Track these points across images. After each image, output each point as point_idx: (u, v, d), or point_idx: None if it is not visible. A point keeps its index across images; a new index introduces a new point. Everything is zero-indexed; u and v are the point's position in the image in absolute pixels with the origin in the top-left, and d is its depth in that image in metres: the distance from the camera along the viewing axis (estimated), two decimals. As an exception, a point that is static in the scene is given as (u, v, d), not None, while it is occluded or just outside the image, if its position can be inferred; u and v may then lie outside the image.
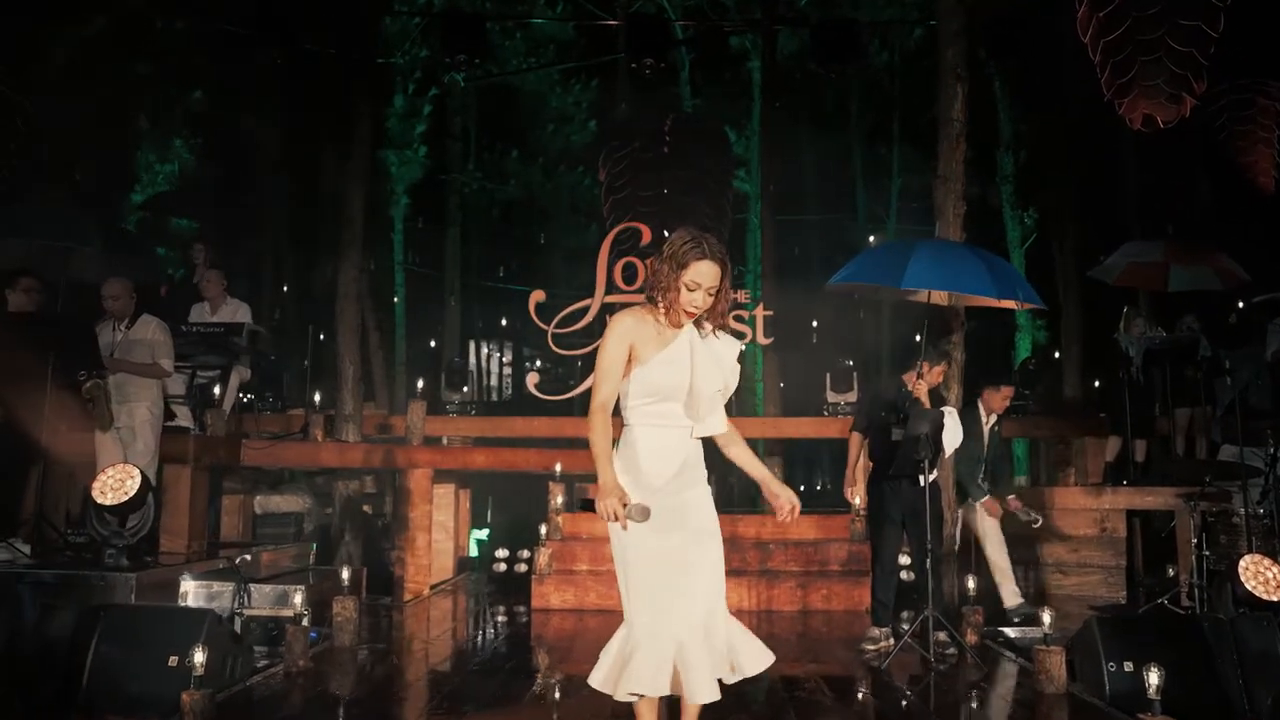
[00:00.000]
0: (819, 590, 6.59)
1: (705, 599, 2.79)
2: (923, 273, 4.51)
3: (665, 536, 2.81)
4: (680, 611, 2.78)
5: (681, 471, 2.82)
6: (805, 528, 7.35)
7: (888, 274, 4.69)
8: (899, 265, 4.53)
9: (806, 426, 8.58)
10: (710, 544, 2.84)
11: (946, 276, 4.65)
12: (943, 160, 5.85)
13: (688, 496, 2.84)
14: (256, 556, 6.68)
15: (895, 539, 5.16)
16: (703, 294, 2.78)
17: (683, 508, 2.82)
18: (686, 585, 2.79)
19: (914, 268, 4.47)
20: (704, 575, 2.80)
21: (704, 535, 2.83)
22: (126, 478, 4.80)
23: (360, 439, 7.96)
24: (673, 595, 2.80)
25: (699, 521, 2.83)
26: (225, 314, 7.19)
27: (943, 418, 4.95)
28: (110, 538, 4.79)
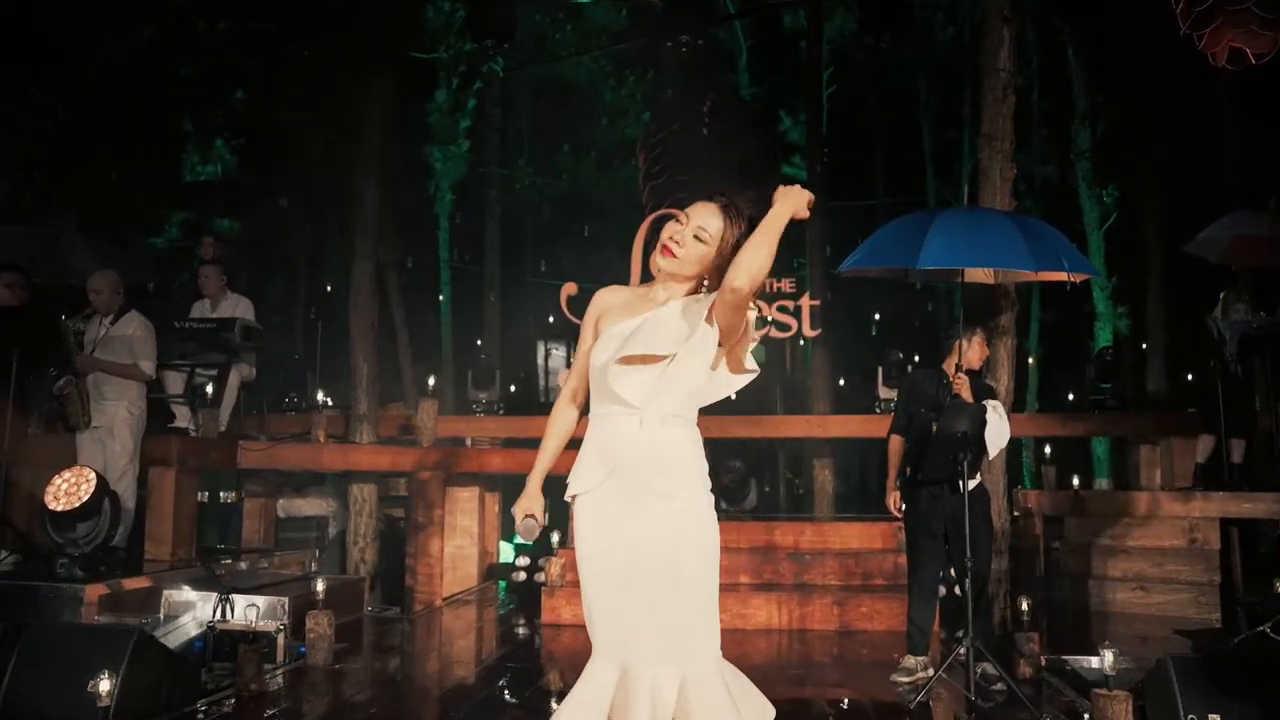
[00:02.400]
0: (859, 607, 5.90)
1: (631, 651, 2.17)
2: (943, 248, 3.79)
3: (608, 560, 2.22)
4: (609, 653, 2.21)
5: (626, 472, 2.18)
6: (847, 536, 6.66)
7: (903, 253, 3.99)
8: (915, 242, 3.83)
9: (854, 425, 7.85)
10: (660, 583, 2.14)
11: (972, 250, 3.91)
12: (987, 116, 5.10)
13: (641, 509, 2.18)
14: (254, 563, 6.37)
15: (934, 554, 4.45)
16: (688, 233, 2.25)
17: (632, 524, 2.18)
18: (617, 632, 2.20)
19: (933, 243, 3.77)
20: (639, 623, 2.17)
21: (651, 566, 2.15)
22: (81, 482, 4.47)
23: (376, 440, 7.57)
24: (608, 635, 2.22)
25: (650, 545, 2.16)
26: (225, 310, 6.88)
27: (984, 412, 4.23)
28: (64, 546, 4.46)
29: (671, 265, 2.26)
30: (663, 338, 2.18)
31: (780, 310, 8.72)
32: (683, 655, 2.15)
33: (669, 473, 2.19)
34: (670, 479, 2.19)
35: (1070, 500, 7.22)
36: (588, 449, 2.27)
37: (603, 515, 2.22)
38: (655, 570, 2.16)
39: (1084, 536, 6.86)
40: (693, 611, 2.17)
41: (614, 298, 2.39)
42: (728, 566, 6.39)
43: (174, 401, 6.51)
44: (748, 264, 2.05)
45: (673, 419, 2.21)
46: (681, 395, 2.21)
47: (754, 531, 6.77)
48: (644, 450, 2.19)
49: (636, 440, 2.19)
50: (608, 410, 2.24)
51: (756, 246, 2.06)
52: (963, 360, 4.34)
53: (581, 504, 2.26)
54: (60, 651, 3.62)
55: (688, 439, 2.24)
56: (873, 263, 4.21)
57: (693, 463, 2.23)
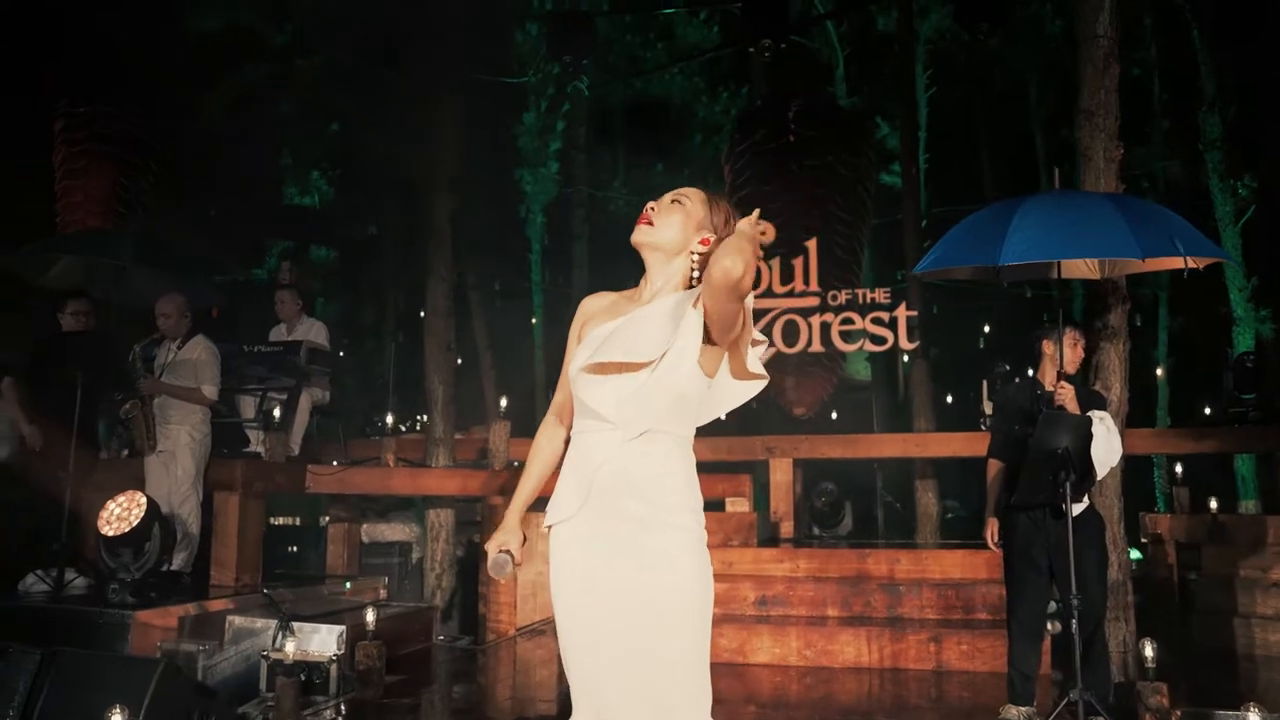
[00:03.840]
0: (958, 644, 5.31)
1: (604, 712, 1.83)
2: (1029, 240, 3.28)
3: (581, 598, 1.89)
4: (584, 708, 1.87)
5: (603, 498, 1.85)
6: (947, 565, 6.07)
7: (981, 250, 3.49)
8: (996, 235, 3.33)
9: (957, 444, 7.23)
10: (635, 631, 1.80)
11: (1065, 240, 3.37)
12: (1087, 89, 4.51)
13: (619, 541, 1.83)
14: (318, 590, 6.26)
15: (1036, 589, 3.89)
16: (665, 199, 1.96)
17: (608, 558, 1.84)
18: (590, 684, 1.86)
19: (1016, 236, 3.26)
20: (611, 677, 1.82)
21: (627, 608, 1.81)
22: (133, 507, 4.40)
23: (452, 463, 7.42)
24: (581, 686, 1.89)
25: (626, 583, 1.81)
26: (300, 333, 6.88)
27: (1090, 425, 3.68)
28: (117, 571, 4.40)
29: (646, 235, 1.95)
30: (643, 340, 1.83)
31: (875, 323, 8.17)
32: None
33: (648, 498, 1.83)
34: (650, 505, 1.83)
35: (1208, 526, 6.41)
36: (564, 472, 1.95)
37: (577, 547, 1.89)
38: (630, 613, 1.80)
39: (1225, 567, 6.06)
40: (672, 665, 1.80)
41: (599, 302, 2.09)
42: (814, 598, 5.92)
43: (247, 426, 6.51)
44: (734, 245, 1.73)
45: (658, 435, 1.86)
46: (666, 406, 1.85)
47: (843, 559, 6.26)
48: (621, 472, 1.84)
49: (613, 460, 1.85)
50: (584, 427, 1.92)
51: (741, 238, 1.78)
52: (1063, 368, 3.79)
53: (556, 535, 1.93)
54: (90, 680, 3.52)
55: (674, 459, 1.87)
56: (950, 262, 3.73)
57: (678, 487, 1.86)
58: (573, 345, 2.04)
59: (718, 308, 1.76)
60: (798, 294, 8.19)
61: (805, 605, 5.89)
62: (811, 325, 8.06)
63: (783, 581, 6.06)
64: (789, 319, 8.10)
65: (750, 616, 5.88)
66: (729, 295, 1.72)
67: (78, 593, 5.03)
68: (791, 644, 5.50)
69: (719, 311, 1.76)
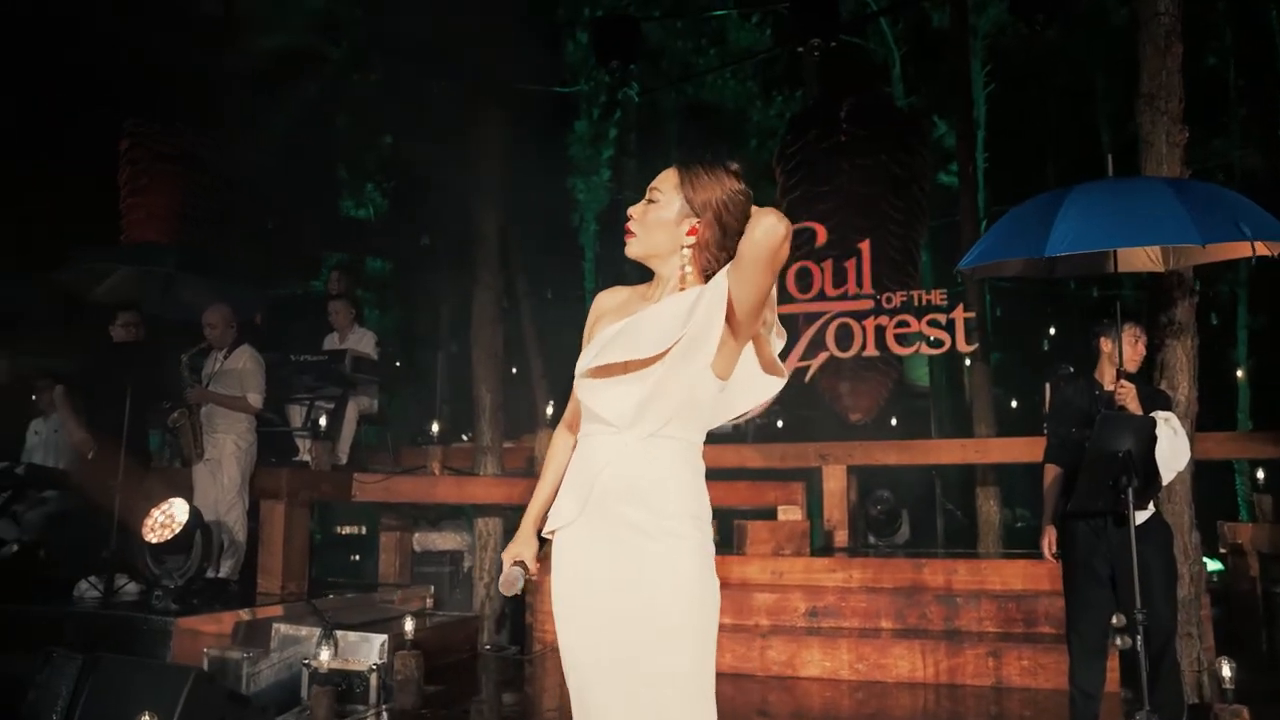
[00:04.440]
0: (1019, 659, 5.06)
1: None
2: (1077, 229, 3.04)
3: (579, 608, 1.80)
4: None
5: (604, 504, 1.74)
6: (1008, 576, 5.81)
7: (1026, 242, 3.27)
8: (1041, 227, 3.12)
9: (1018, 449, 6.93)
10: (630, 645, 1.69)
11: (1117, 227, 3.13)
12: (1147, 71, 4.25)
13: (619, 547, 1.73)
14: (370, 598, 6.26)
15: (1097, 603, 3.64)
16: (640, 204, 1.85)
17: (607, 566, 1.74)
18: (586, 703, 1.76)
19: (1063, 226, 3.04)
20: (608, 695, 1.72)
21: (623, 618, 1.70)
22: (176, 514, 4.44)
23: (500, 472, 7.38)
24: (577, 702, 1.79)
25: (623, 593, 1.71)
26: (351, 342, 6.92)
27: (1153, 426, 3.44)
28: (160, 578, 4.43)
29: (631, 248, 1.86)
30: (649, 336, 1.72)
31: (932, 325, 7.91)
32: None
33: (648, 504, 1.72)
34: (650, 511, 1.71)
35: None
36: (567, 476, 1.85)
37: (577, 553, 1.79)
38: (628, 623, 1.70)
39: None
40: (671, 678, 1.67)
41: (612, 299, 1.98)
42: (867, 609, 5.71)
43: (297, 435, 6.56)
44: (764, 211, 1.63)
45: (663, 439, 1.74)
46: (673, 407, 1.73)
47: (898, 569, 6.03)
48: (622, 477, 1.74)
49: (615, 464, 1.75)
50: (589, 430, 1.83)
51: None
52: (1122, 362, 3.55)
53: (557, 540, 1.83)
54: (126, 685, 3.54)
55: (679, 462, 1.75)
56: (994, 256, 3.52)
57: (681, 493, 1.74)
58: (585, 344, 1.94)
59: (753, 279, 1.63)
60: (851, 296, 7.97)
61: (858, 617, 5.69)
62: (866, 329, 7.83)
63: (834, 592, 5.87)
64: (842, 322, 7.88)
65: (801, 628, 5.70)
66: (768, 262, 1.60)
67: (128, 599, 5.11)
68: (843, 657, 5.30)
69: (752, 286, 1.63)
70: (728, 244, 1.74)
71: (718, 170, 1.78)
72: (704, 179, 1.77)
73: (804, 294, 8.09)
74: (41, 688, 3.70)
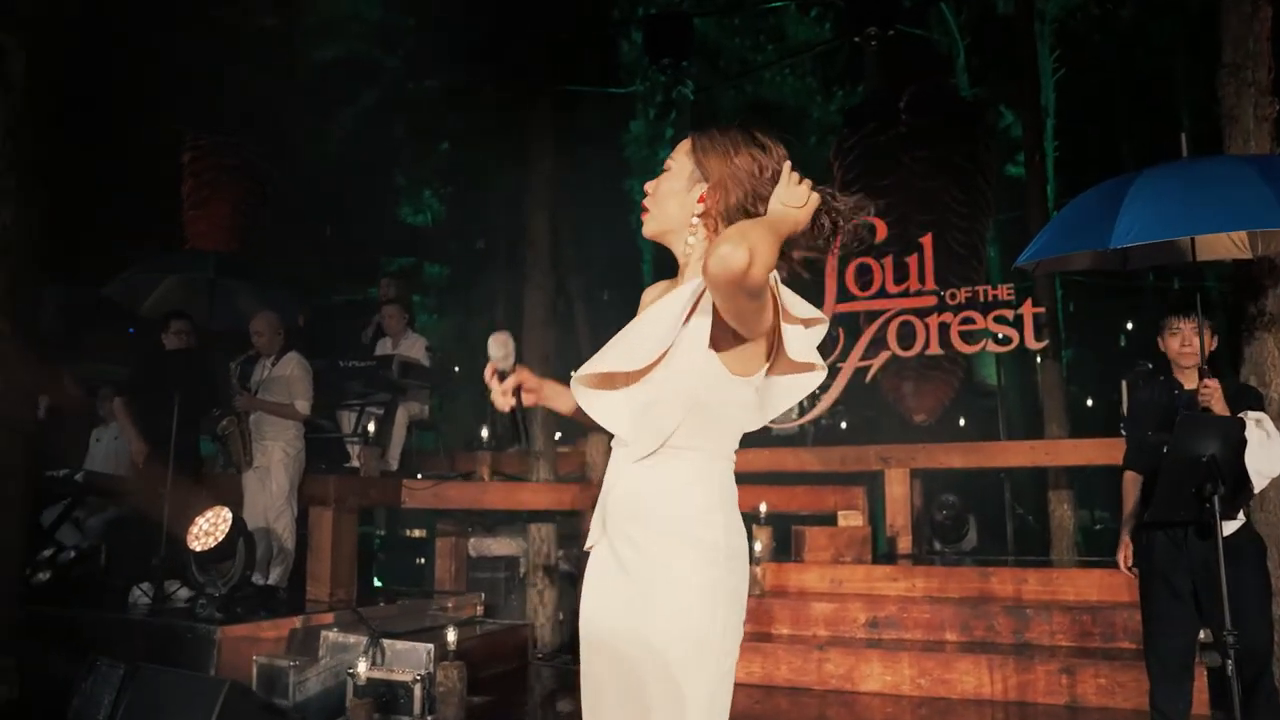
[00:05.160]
0: (1095, 677, 4.74)
1: None
2: (1146, 218, 2.76)
3: (585, 632, 1.68)
4: None
5: (615, 524, 1.61)
6: (1083, 586, 5.49)
7: (1089, 233, 3.00)
8: (1106, 216, 2.85)
9: (1091, 450, 6.55)
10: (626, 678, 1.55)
11: (1188, 213, 2.83)
12: (1230, 40, 3.90)
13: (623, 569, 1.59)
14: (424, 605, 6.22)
15: (1178, 620, 3.35)
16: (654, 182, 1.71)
17: (612, 590, 1.61)
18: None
19: (1130, 213, 2.77)
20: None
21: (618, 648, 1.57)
22: (219, 522, 4.43)
23: (554, 477, 7.28)
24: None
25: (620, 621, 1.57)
26: (404, 348, 6.92)
27: (1242, 428, 3.14)
28: (205, 586, 4.43)
29: (646, 226, 1.71)
30: (640, 346, 1.56)
31: (998, 322, 7.56)
32: None
33: (648, 523, 1.57)
34: (646, 529, 1.56)
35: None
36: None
37: (592, 575, 1.68)
38: (627, 649, 1.55)
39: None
40: (675, 707, 1.51)
41: (651, 295, 1.83)
42: (931, 620, 5.44)
43: (348, 441, 6.56)
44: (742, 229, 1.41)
45: (674, 452, 1.58)
46: (677, 417, 1.56)
47: (964, 578, 5.75)
48: (627, 495, 1.60)
49: (623, 482, 1.61)
50: (614, 443, 1.69)
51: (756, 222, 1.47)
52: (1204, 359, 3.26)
53: (587, 562, 1.72)
54: (163, 696, 3.52)
55: (681, 476, 1.58)
56: (1054, 250, 3.25)
57: (691, 513, 1.56)
58: None
59: (723, 304, 1.46)
60: (913, 294, 7.66)
61: (920, 628, 5.42)
62: (929, 326, 7.51)
63: (896, 602, 5.61)
64: (904, 320, 7.58)
65: (860, 640, 5.46)
66: (730, 291, 1.40)
67: (179, 606, 5.14)
68: (904, 671, 5.05)
69: (726, 308, 1.46)
70: (738, 217, 1.56)
71: (732, 132, 1.62)
72: (716, 141, 1.62)
73: (864, 291, 7.80)
74: (85, 696, 3.71)
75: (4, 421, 3.99)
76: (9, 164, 4.15)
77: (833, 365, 7.85)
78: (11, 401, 4.02)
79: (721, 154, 1.60)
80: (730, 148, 1.60)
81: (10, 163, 4.15)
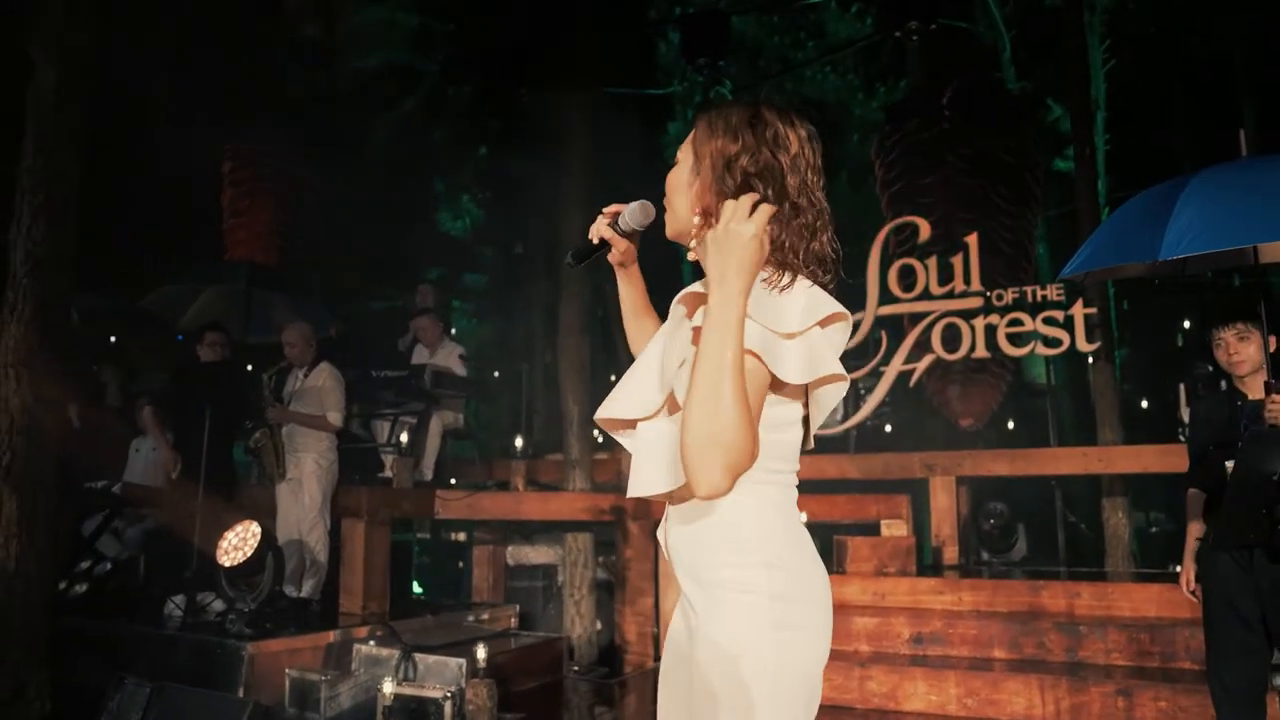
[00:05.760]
0: (1155, 700, 4.50)
1: None
2: (1197, 227, 2.57)
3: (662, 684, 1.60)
4: None
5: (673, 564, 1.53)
6: (1140, 601, 5.23)
7: (1137, 243, 2.82)
8: (1155, 224, 2.66)
9: (1148, 458, 6.27)
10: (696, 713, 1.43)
11: (1245, 222, 2.62)
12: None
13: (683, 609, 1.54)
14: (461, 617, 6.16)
15: (1244, 647, 3.13)
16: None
17: (675, 637, 1.55)
18: None
19: (1181, 222, 2.58)
20: None
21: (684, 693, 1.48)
22: (248, 536, 4.39)
23: (590, 486, 7.19)
24: None
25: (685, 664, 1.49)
26: (441, 357, 6.88)
27: (1312, 443, 2.92)
28: (235, 601, 4.40)
29: (667, 227, 1.57)
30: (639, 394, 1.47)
31: (1048, 323, 7.30)
32: None
33: (688, 567, 1.46)
34: (695, 570, 1.44)
35: None
36: None
37: (673, 619, 1.61)
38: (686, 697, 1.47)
39: None
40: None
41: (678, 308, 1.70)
42: (978, 636, 5.23)
43: (383, 451, 6.53)
44: (693, 424, 1.26)
45: None
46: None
47: (1013, 592, 5.52)
48: (672, 533, 1.49)
49: (669, 519, 1.51)
50: None
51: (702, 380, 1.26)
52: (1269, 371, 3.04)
53: None
54: (187, 715, 3.48)
55: (735, 510, 1.43)
56: (1099, 262, 3.07)
57: (734, 547, 1.42)
58: None
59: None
60: (958, 294, 7.42)
61: (967, 645, 5.21)
62: (975, 328, 7.28)
63: (941, 616, 5.41)
64: (949, 322, 7.35)
65: (904, 656, 5.26)
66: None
67: (211, 620, 5.13)
68: (950, 691, 4.85)
69: None
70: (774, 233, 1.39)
71: (731, 109, 1.43)
72: (713, 121, 1.45)
73: (907, 293, 7.58)
74: (112, 715, 3.69)
75: (34, 434, 3.99)
76: (40, 179, 4.16)
77: (875, 369, 7.65)
78: (41, 415, 4.03)
79: (707, 137, 1.43)
80: (721, 127, 1.42)
81: (41, 178, 4.16)
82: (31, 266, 4.07)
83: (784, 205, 1.39)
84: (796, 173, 1.40)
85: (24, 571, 3.91)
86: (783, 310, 1.35)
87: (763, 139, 1.39)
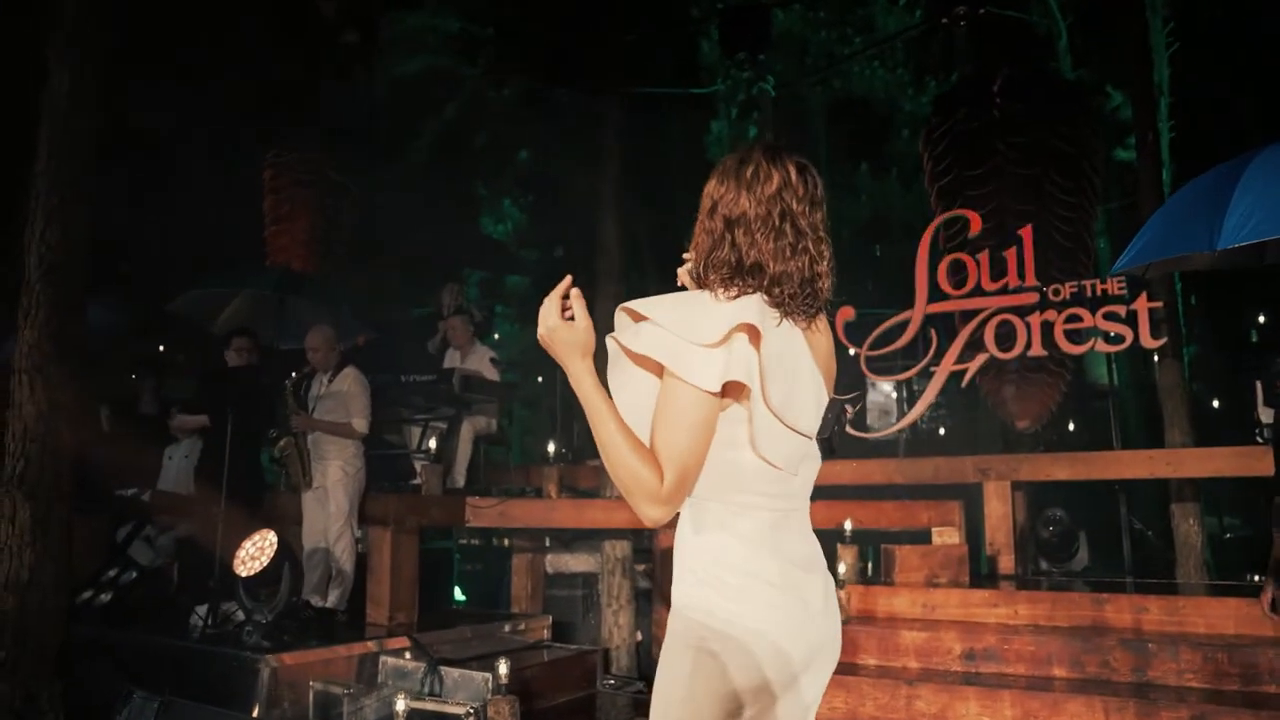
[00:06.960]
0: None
1: None
2: (1258, 214, 2.31)
3: None
4: None
5: None
6: (1216, 616, 4.83)
7: (1192, 233, 2.56)
8: (1212, 212, 2.40)
9: (1221, 461, 5.84)
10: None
11: None
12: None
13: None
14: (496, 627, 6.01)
15: (1336, 669, 2.81)
16: None
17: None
18: None
19: (1242, 208, 2.32)
20: None
21: None
22: (265, 546, 4.28)
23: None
24: None
25: None
26: (472, 361, 6.74)
27: None
28: (252, 611, 4.28)
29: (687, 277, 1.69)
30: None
31: (1109, 319, 6.88)
32: None
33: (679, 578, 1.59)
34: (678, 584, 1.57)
35: None
36: None
37: None
38: None
39: None
40: None
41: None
42: (1035, 653, 4.88)
43: (414, 457, 6.41)
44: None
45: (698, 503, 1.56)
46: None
47: (1073, 605, 5.16)
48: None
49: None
50: None
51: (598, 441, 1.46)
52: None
53: None
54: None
55: (680, 529, 1.58)
56: (1153, 255, 2.80)
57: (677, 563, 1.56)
58: None
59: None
60: (1012, 290, 7.04)
61: (1024, 662, 4.87)
62: (1030, 326, 6.89)
63: (995, 631, 5.07)
64: (1003, 319, 6.97)
65: (955, 674, 4.94)
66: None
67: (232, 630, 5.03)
68: (1005, 712, 4.52)
69: None
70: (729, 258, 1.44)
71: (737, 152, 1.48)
72: (720, 164, 1.51)
73: (958, 290, 7.22)
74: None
75: (48, 442, 3.92)
76: (53, 184, 4.10)
77: (925, 369, 7.32)
78: (56, 422, 3.96)
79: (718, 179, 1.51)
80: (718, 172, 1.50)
81: (54, 182, 4.10)
82: (45, 270, 4.01)
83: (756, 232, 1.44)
84: (778, 203, 1.46)
85: (38, 580, 3.85)
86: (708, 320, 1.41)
87: (743, 180, 1.46)
